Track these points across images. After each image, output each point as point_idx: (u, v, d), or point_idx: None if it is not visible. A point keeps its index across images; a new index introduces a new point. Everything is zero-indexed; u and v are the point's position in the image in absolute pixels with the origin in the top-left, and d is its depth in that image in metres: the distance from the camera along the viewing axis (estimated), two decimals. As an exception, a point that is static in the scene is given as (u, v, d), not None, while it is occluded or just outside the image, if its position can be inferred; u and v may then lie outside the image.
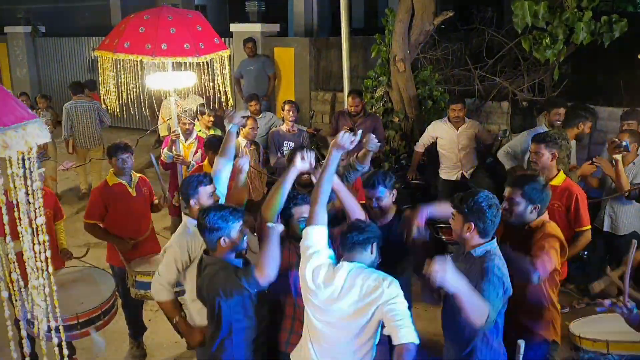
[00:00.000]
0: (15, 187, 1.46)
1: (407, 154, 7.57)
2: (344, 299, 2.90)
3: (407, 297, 2.98)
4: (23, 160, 1.47)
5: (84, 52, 12.74)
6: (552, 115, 5.94)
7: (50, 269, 1.66)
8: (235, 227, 3.19)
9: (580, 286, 5.81)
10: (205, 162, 5.80)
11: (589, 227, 4.40)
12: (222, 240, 3.16)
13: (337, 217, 3.61)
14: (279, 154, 6.82)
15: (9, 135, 1.36)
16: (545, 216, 3.55)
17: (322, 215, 3.11)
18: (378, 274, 2.92)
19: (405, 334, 2.72)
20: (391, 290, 2.83)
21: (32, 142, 1.42)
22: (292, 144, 6.87)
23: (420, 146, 7.01)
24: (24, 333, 2.77)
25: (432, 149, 7.06)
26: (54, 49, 13.45)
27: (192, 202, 3.75)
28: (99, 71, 5.24)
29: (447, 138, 6.69)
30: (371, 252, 3.03)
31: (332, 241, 3.22)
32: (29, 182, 1.51)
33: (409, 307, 2.87)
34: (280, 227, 3.20)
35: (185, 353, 5.20)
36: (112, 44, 4.89)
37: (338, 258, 3.12)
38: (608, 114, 7.29)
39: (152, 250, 5.05)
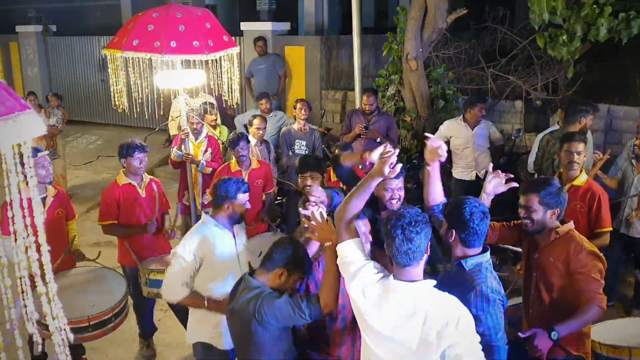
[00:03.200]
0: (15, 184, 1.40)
1: (419, 154, 7.49)
2: (405, 326, 2.51)
3: None
4: (21, 155, 1.40)
5: (94, 51, 12.74)
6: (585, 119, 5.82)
7: (50, 272, 1.59)
8: (299, 275, 3.07)
9: None
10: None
11: (610, 229, 4.30)
12: (282, 273, 3.00)
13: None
14: (290, 153, 6.77)
15: None
16: (571, 224, 3.43)
17: (351, 230, 2.83)
18: (446, 305, 2.51)
19: None
20: (460, 330, 2.45)
21: (25, 135, 1.35)
22: (304, 143, 6.81)
23: (432, 146, 6.91)
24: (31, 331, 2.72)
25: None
26: (65, 48, 13.47)
27: (226, 205, 3.74)
28: (109, 70, 5.20)
29: (463, 138, 6.59)
30: (426, 253, 2.60)
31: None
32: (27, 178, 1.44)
33: None
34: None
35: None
36: (120, 42, 4.84)
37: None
38: (623, 113, 7.19)
39: (163, 249, 5.02)
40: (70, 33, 13.59)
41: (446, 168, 7.15)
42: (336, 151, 5.31)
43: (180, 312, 5.15)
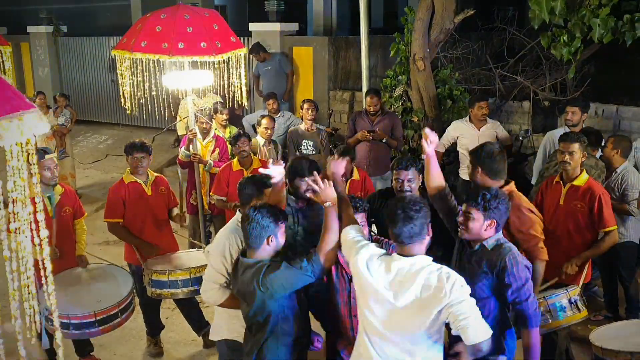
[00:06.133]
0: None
1: (426, 154, 7.50)
2: (402, 295, 2.72)
3: None
4: (27, 153, 1.44)
5: (105, 51, 12.82)
6: (565, 114, 5.84)
7: (49, 267, 1.62)
8: (282, 228, 3.18)
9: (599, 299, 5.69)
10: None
11: (615, 227, 4.30)
12: (270, 238, 3.12)
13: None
14: (297, 153, 6.79)
15: (2, 125, 1.33)
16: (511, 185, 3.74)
17: (354, 218, 3.19)
18: (440, 273, 2.72)
19: (474, 333, 2.64)
20: (455, 292, 2.66)
21: (28, 133, 1.39)
22: (311, 143, 6.84)
23: (440, 146, 6.92)
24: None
25: (452, 149, 6.99)
26: (76, 49, 13.57)
27: (255, 202, 3.67)
28: (118, 70, 5.25)
29: (469, 138, 6.59)
30: (428, 234, 2.82)
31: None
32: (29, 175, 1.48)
33: None
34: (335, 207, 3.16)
35: (201, 351, 5.21)
36: (129, 43, 4.89)
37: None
38: (632, 113, 7.17)
39: (169, 248, 5.05)
40: (81, 33, 13.70)
41: (452, 169, 7.17)
42: (335, 155, 5.31)
43: (187, 310, 5.21)
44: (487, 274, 3.12)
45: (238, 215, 3.75)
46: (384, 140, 6.71)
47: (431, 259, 2.80)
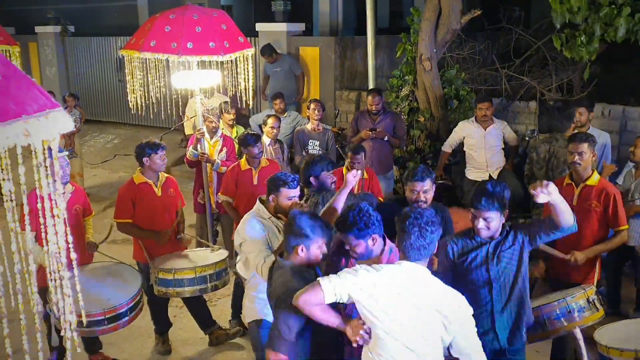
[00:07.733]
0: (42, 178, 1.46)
1: (432, 154, 7.51)
2: (407, 300, 2.69)
3: None
4: (50, 150, 1.47)
5: (112, 51, 12.88)
6: (575, 115, 5.86)
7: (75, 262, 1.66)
8: (317, 242, 3.07)
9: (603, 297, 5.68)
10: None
11: (627, 226, 4.32)
12: (300, 248, 3.05)
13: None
14: (303, 153, 6.82)
15: (31, 123, 1.35)
16: None
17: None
18: (444, 286, 2.75)
19: None
20: (461, 311, 2.71)
21: (55, 131, 1.42)
22: (317, 143, 6.87)
23: (447, 146, 6.96)
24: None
25: (459, 149, 7.01)
26: (83, 49, 13.63)
27: (270, 197, 3.83)
28: (126, 70, 5.30)
29: (475, 138, 6.62)
30: (434, 252, 2.87)
31: None
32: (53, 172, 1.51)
33: None
34: None
35: (209, 349, 5.24)
36: (138, 43, 4.94)
37: None
38: (639, 114, 7.16)
39: (176, 248, 5.08)
40: (88, 33, 13.76)
41: (459, 169, 7.18)
42: (349, 153, 5.38)
43: (194, 309, 5.24)
44: (522, 243, 3.41)
45: (258, 204, 3.93)
46: (385, 139, 6.73)
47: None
